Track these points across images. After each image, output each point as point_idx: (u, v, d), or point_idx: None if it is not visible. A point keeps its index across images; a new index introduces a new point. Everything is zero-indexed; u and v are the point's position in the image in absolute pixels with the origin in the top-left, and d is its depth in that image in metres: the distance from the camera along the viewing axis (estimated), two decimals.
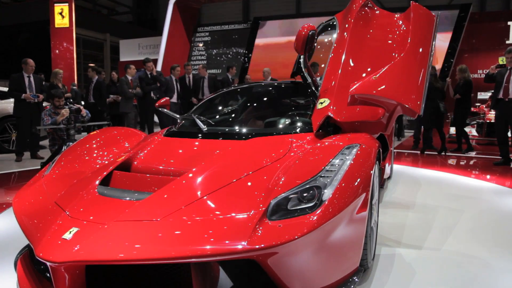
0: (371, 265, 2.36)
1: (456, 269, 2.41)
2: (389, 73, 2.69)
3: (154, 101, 7.54)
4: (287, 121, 3.05)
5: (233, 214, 1.74)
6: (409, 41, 2.80)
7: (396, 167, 5.97)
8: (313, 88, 3.12)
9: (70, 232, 1.72)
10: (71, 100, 7.40)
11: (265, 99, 3.72)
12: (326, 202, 1.75)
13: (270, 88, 3.81)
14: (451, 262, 2.52)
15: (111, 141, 2.97)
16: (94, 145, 2.85)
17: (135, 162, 2.54)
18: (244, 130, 2.91)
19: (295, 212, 1.73)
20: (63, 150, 5.45)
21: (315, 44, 3.11)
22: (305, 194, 1.81)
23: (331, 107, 2.69)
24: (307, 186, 1.84)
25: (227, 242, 1.59)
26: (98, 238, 1.68)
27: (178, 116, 3.51)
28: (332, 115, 2.66)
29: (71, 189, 2.18)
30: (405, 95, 2.63)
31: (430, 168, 6.06)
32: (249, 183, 1.99)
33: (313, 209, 1.73)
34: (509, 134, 6.47)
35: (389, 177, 4.88)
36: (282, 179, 1.93)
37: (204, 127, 2.89)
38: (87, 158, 2.66)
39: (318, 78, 3.34)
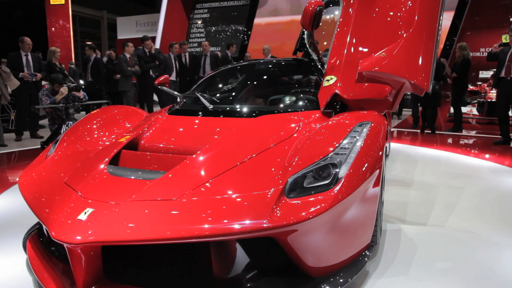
0: (379, 241, 2.42)
1: (459, 245, 2.49)
2: (398, 50, 2.67)
3: (153, 79, 7.46)
4: (293, 99, 3.03)
5: (252, 192, 1.73)
6: (416, 18, 2.76)
7: (396, 145, 5.98)
8: (319, 65, 3.08)
9: (85, 213, 1.69)
10: (70, 78, 7.32)
11: (269, 76, 3.66)
12: (343, 180, 1.76)
13: (273, 65, 3.76)
14: (454, 238, 2.59)
15: (113, 120, 2.94)
16: (96, 125, 2.81)
17: (142, 141, 2.51)
18: (250, 108, 2.88)
19: (311, 189, 1.74)
20: (63, 129, 5.45)
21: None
22: (320, 172, 1.82)
23: (338, 84, 2.68)
24: (322, 163, 1.84)
25: (248, 220, 1.59)
26: (114, 218, 1.65)
27: (178, 94, 3.47)
28: (339, 92, 2.65)
29: (79, 170, 2.14)
30: (414, 73, 2.62)
31: (429, 146, 6.07)
32: (264, 161, 1.98)
33: (329, 186, 1.74)
34: (510, 113, 6.45)
35: (386, 155, 4.90)
36: (297, 157, 1.93)
37: (209, 105, 2.86)
38: (90, 137, 2.64)
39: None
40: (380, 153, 2.07)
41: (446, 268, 2.19)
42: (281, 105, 2.94)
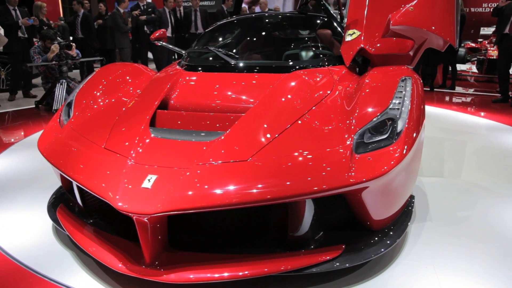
0: None
1: (472, 197, 2.69)
2: (425, 4, 2.62)
3: (148, 35, 7.20)
4: (312, 54, 2.93)
5: (324, 150, 1.70)
6: None
7: None
8: (338, 18, 2.98)
9: (149, 180, 1.58)
10: (58, 33, 7.03)
11: (283, 30, 3.50)
12: (403, 134, 1.78)
13: (284, 19, 3.57)
14: (467, 190, 2.80)
15: (121, 80, 2.71)
16: (106, 86, 2.60)
17: (172, 101, 2.35)
18: (279, 63, 2.77)
19: (373, 144, 1.74)
20: (56, 87, 5.31)
21: None
22: (378, 127, 1.82)
23: (362, 38, 2.65)
24: (381, 119, 1.85)
25: (328, 178, 1.57)
26: (186, 184, 1.55)
27: (179, 50, 3.32)
28: (365, 47, 2.62)
29: (117, 133, 1.97)
30: (442, 27, 2.60)
31: (429, 104, 6.05)
32: (320, 118, 1.95)
33: (390, 140, 1.75)
34: (510, 71, 6.38)
35: None
36: (355, 113, 1.90)
37: (232, 61, 2.70)
38: (104, 99, 2.45)
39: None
40: (424, 104, 2.11)
41: (465, 216, 2.39)
42: (309, 60, 2.83)
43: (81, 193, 1.97)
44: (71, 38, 8.85)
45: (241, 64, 2.69)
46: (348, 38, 2.73)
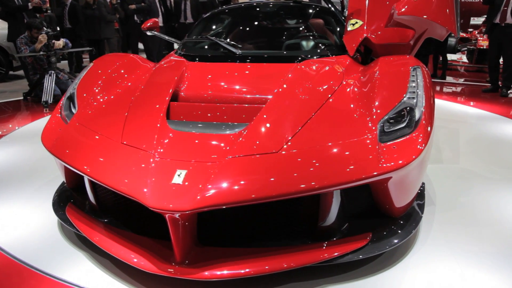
0: None
1: (469, 183, 2.80)
2: None
3: (138, 25, 7.05)
4: (319, 43, 2.93)
5: (350, 140, 1.71)
6: None
7: None
8: (338, 7, 2.99)
9: (179, 175, 1.54)
10: (45, 23, 6.86)
11: (285, 19, 3.49)
12: (421, 121, 1.80)
13: (284, 8, 3.54)
14: (464, 177, 2.90)
15: (120, 72, 2.60)
16: (106, 78, 2.48)
17: (182, 93, 2.29)
18: (285, 54, 2.77)
19: (394, 133, 1.75)
20: (45, 79, 5.20)
21: None
22: (398, 116, 1.84)
23: (365, 27, 2.67)
24: (400, 108, 1.87)
25: (359, 168, 1.57)
26: (220, 178, 1.51)
27: (174, 40, 3.26)
28: (368, 36, 2.64)
29: (132, 128, 1.89)
30: (444, 17, 2.62)
31: None
32: (339, 108, 1.96)
33: (410, 129, 1.77)
34: (500, 61, 6.44)
35: None
36: (376, 102, 1.91)
37: (238, 51, 2.66)
38: (106, 92, 2.34)
39: None
40: (434, 93, 2.14)
41: (468, 201, 2.51)
42: (316, 50, 2.81)
43: (94, 191, 1.90)
44: (58, 28, 8.65)
45: (247, 54, 2.67)
46: (350, 28, 2.74)
